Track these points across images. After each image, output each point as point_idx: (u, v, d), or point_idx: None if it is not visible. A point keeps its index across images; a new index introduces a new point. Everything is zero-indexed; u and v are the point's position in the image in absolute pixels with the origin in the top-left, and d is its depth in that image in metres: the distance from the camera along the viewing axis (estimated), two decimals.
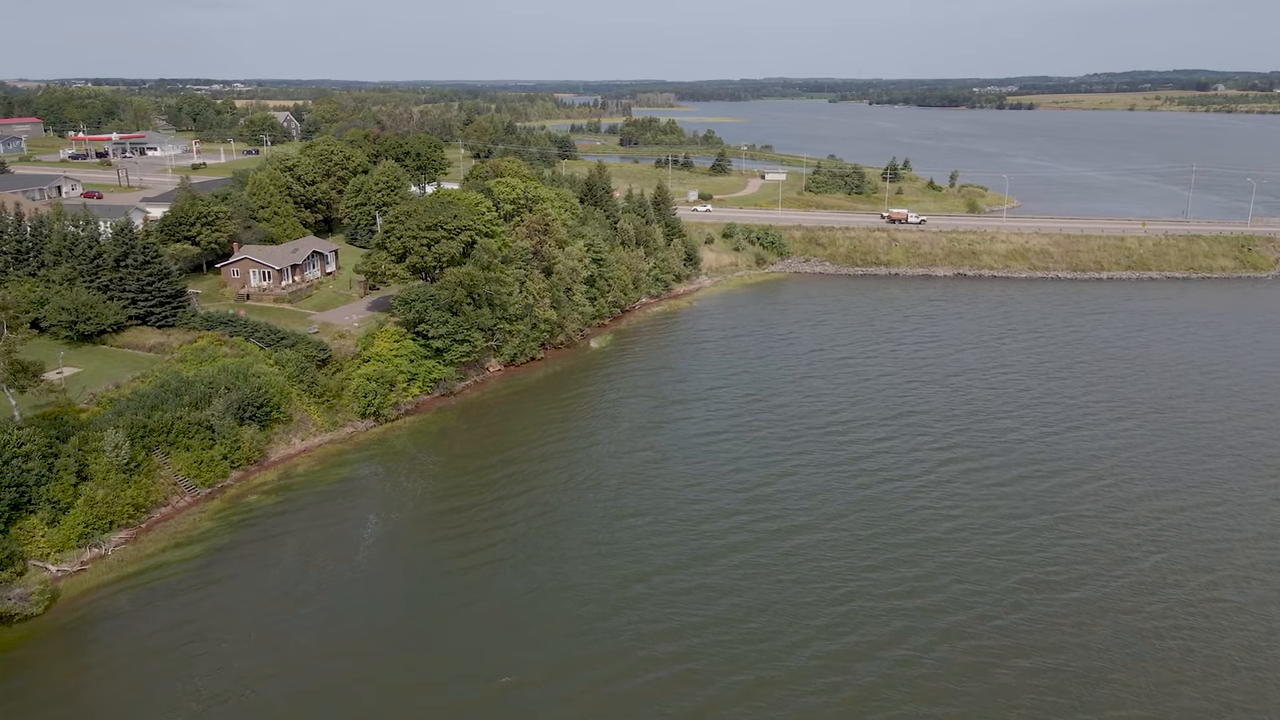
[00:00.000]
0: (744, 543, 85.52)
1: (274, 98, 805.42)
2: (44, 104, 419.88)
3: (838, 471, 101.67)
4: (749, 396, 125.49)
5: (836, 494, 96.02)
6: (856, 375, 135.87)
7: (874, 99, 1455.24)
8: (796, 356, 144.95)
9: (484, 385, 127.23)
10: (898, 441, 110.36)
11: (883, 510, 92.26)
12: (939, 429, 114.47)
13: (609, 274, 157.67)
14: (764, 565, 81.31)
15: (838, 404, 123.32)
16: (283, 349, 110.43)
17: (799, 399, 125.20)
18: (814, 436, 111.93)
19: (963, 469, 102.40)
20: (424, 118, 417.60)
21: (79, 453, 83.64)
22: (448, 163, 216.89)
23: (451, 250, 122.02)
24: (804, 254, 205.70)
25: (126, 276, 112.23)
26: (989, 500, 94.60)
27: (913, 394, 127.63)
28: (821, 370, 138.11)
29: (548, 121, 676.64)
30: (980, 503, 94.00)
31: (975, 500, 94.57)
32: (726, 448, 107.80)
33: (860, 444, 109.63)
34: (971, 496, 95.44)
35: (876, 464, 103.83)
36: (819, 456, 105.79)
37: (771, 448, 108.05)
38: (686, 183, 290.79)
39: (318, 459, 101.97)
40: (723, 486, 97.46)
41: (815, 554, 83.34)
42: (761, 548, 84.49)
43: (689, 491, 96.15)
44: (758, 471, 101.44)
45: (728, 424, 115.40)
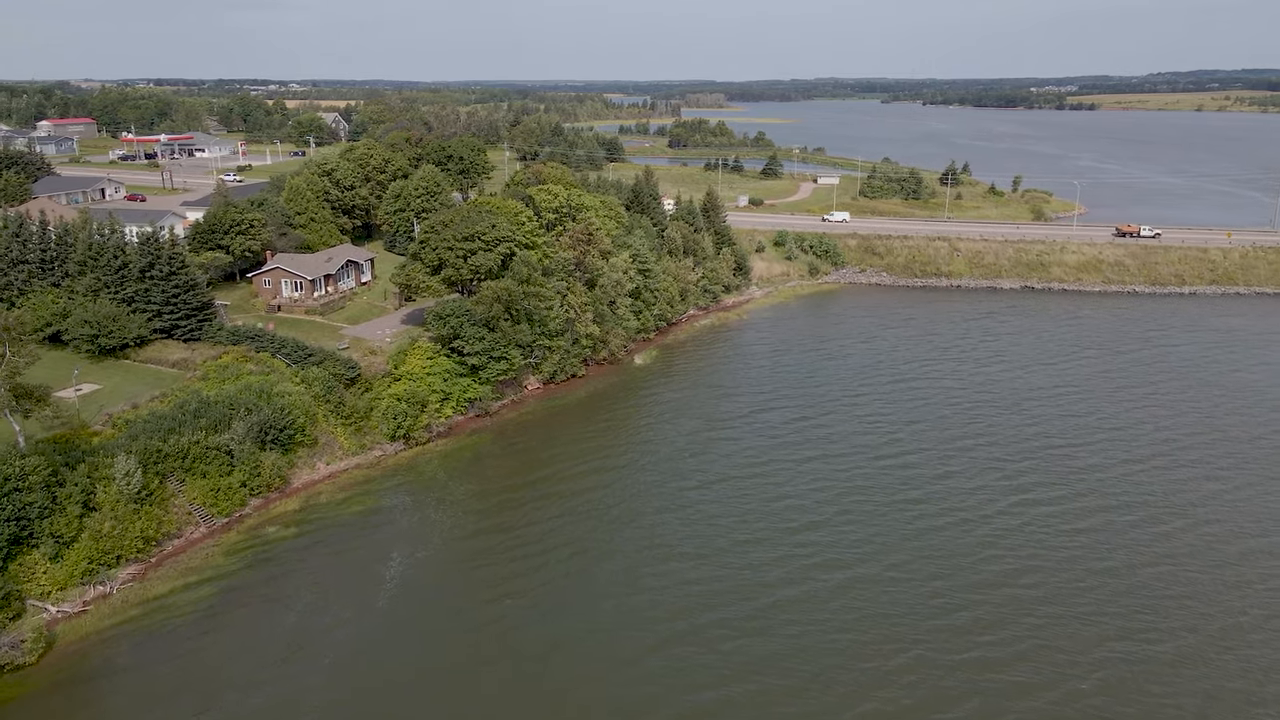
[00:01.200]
0: (791, 588, 78.00)
1: (327, 98, 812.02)
2: (99, 104, 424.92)
3: (895, 508, 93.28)
4: (798, 418, 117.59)
5: (894, 534, 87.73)
6: (914, 396, 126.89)
7: (928, 99, 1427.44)
8: (849, 374, 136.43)
9: (521, 404, 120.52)
10: (961, 474, 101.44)
11: (947, 556, 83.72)
12: (1008, 460, 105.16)
13: (655, 286, 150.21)
14: (815, 619, 73.53)
15: (894, 428, 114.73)
16: (310, 367, 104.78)
17: (852, 422, 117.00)
18: (868, 465, 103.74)
19: (1037, 509, 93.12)
20: (471, 119, 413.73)
21: (87, 481, 78.43)
22: (491, 166, 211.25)
23: (489, 263, 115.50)
24: (859, 264, 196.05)
25: (152, 288, 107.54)
26: (1070, 547, 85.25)
27: (977, 418, 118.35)
28: (876, 390, 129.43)
29: (596, 122, 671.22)
30: (1060, 551, 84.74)
31: (1054, 547, 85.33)
32: (773, 476, 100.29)
33: (920, 475, 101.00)
34: (1049, 542, 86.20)
35: (938, 500, 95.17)
36: (874, 489, 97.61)
37: (822, 477, 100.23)
38: (736, 187, 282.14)
39: (342, 486, 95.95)
40: (769, 521, 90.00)
41: (872, 607, 75.21)
42: (812, 597, 76.84)
43: (732, 527, 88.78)
44: (807, 505, 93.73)
45: (775, 449, 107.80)
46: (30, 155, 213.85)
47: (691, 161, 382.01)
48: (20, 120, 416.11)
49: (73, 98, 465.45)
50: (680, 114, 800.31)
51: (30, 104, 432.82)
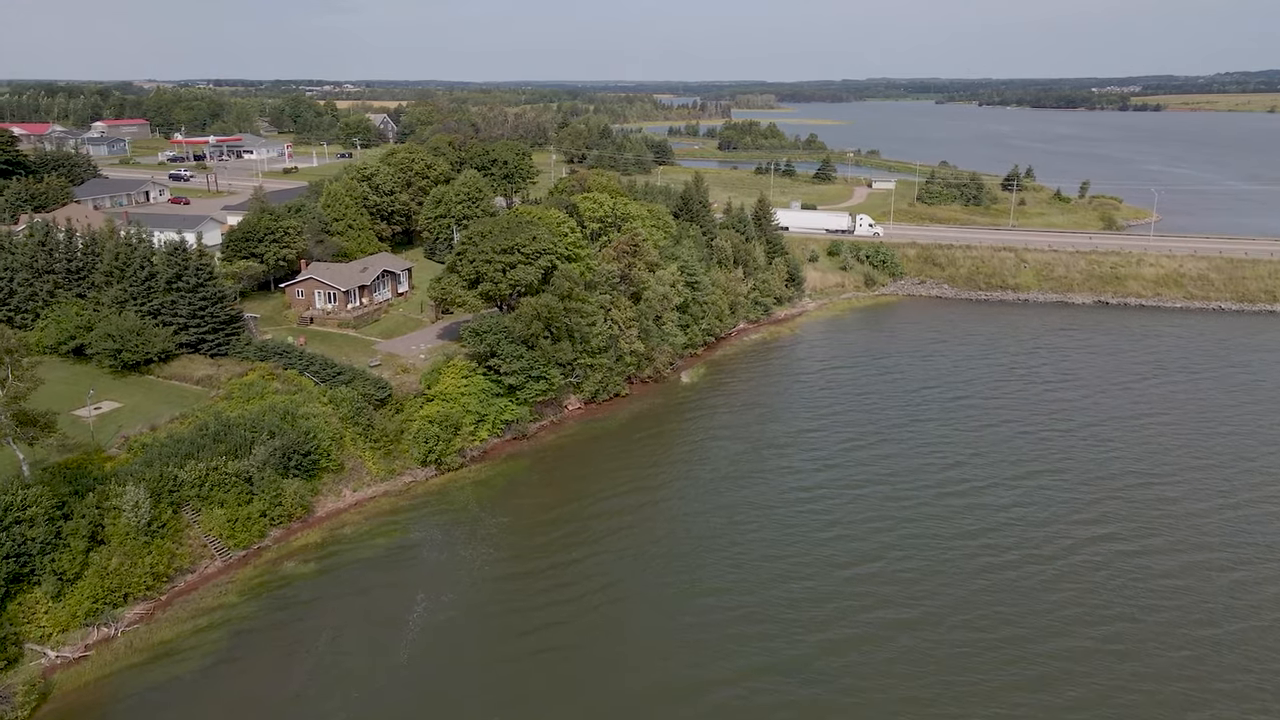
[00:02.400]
0: (844, 638, 70.65)
1: (380, 98, 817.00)
2: (153, 105, 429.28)
3: (957, 545, 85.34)
4: (852, 442, 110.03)
5: (957, 577, 79.83)
6: (978, 419, 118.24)
7: (983, 100, 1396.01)
8: (907, 394, 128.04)
9: (561, 426, 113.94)
10: (1031, 508, 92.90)
11: (1016, 603, 75.74)
12: (1081, 494, 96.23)
13: (704, 299, 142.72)
14: (869, 674, 65.85)
15: (956, 455, 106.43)
16: (338, 385, 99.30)
17: (909, 446, 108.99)
18: (927, 496, 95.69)
19: (1117, 550, 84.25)
20: (519, 120, 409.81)
21: (95, 512, 73.53)
22: (536, 171, 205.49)
23: (529, 277, 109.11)
24: (919, 274, 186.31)
25: (179, 300, 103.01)
26: (1156, 598, 76.38)
27: (1047, 446, 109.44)
28: (936, 411, 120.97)
29: (645, 123, 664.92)
30: (1145, 601, 76.01)
31: (1137, 596, 76.59)
32: (824, 507, 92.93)
33: (984, 509, 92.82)
34: (1131, 591, 77.40)
35: (1007, 537, 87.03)
36: (934, 523, 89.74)
37: (876, 510, 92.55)
38: (788, 191, 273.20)
39: (369, 515, 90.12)
40: (819, 558, 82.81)
41: (933, 663, 67.57)
42: (867, 648, 69.44)
43: (778, 563, 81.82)
44: (861, 541, 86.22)
45: (826, 475, 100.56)
46: (77, 157, 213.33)
47: (742, 165, 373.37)
48: (77, 121, 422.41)
49: (129, 98, 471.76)
50: (730, 115, 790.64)
51: (87, 104, 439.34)
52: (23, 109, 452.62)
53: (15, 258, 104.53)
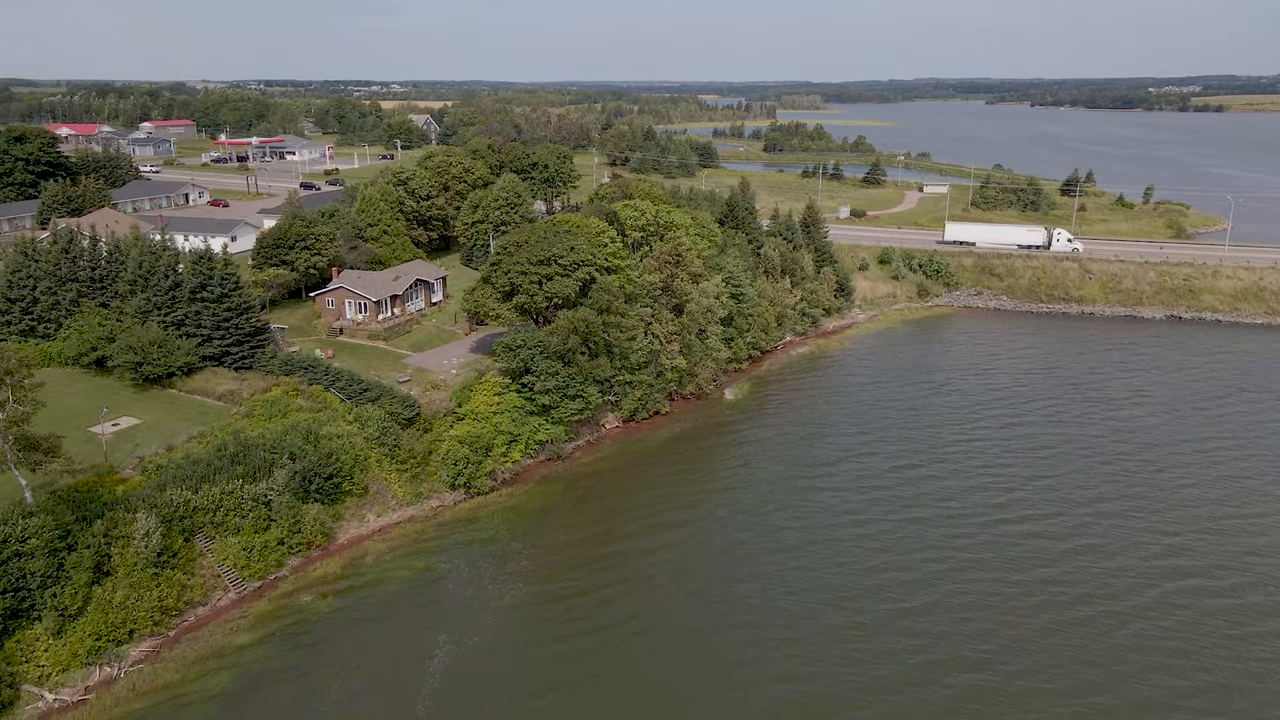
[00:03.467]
0: (893, 680, 64.76)
1: (425, 99, 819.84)
2: (200, 106, 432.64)
3: (1018, 581, 78.65)
4: (903, 465, 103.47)
5: (1018, 616, 73.32)
6: (1039, 442, 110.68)
7: (1036, 100, 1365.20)
8: (963, 413, 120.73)
9: (597, 446, 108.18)
10: (1102, 546, 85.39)
11: (1085, 648, 69.10)
12: (1160, 531, 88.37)
13: (749, 310, 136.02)
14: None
15: (1014, 482, 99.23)
16: (364, 403, 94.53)
17: (965, 471, 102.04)
18: (987, 529, 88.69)
19: (1207, 604, 76.18)
20: (562, 121, 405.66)
21: (102, 541, 69.33)
22: (577, 175, 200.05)
23: (566, 290, 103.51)
24: (975, 285, 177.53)
25: (202, 311, 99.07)
26: (1254, 661, 68.10)
27: (1117, 474, 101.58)
28: (994, 433, 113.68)
29: (689, 124, 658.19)
30: (1240, 665, 67.96)
31: (1232, 660, 68.58)
32: (874, 538, 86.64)
33: (1047, 540, 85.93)
34: (1225, 654, 69.49)
35: (1076, 580, 79.62)
36: (992, 555, 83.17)
37: (931, 542, 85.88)
38: (837, 196, 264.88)
39: (393, 543, 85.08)
40: (866, 589, 77.12)
41: (991, 714, 60.40)
42: (916, 690, 63.32)
43: (823, 603, 75.59)
44: (912, 572, 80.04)
45: (876, 503, 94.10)
46: (118, 159, 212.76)
47: (788, 167, 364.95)
48: (126, 121, 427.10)
49: (177, 99, 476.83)
50: (775, 115, 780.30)
51: (136, 105, 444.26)
52: (74, 109, 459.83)
53: (38, 265, 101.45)
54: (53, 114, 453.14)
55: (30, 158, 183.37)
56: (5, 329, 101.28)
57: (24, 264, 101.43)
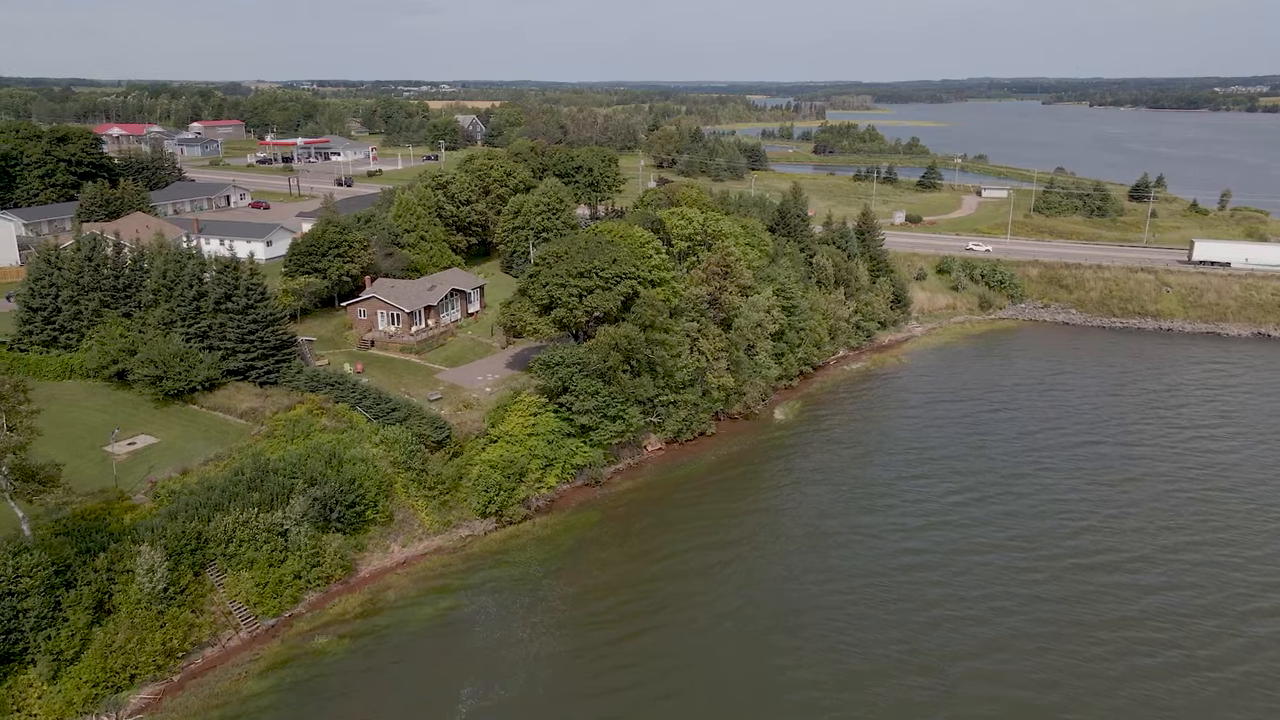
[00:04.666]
0: None
1: (474, 99, 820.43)
2: (250, 106, 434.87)
3: (1100, 636, 71.16)
4: (963, 492, 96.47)
5: (1105, 682, 65.62)
6: (1113, 470, 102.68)
7: (1095, 100, 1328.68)
8: (1027, 435, 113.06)
9: (638, 470, 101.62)
10: (1190, 592, 77.98)
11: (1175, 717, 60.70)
12: (1254, 575, 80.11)
13: (801, 324, 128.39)
14: None
15: (1088, 515, 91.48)
16: (392, 423, 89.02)
17: (1031, 501, 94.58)
18: (1054, 565, 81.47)
19: None
20: (608, 122, 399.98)
21: (103, 578, 64.50)
22: (622, 179, 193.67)
23: (607, 304, 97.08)
24: (1042, 297, 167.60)
25: (227, 322, 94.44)
26: None
27: (1204, 508, 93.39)
28: (1062, 458, 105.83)
29: (738, 125, 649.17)
30: None
31: None
32: (930, 574, 79.94)
33: (1130, 589, 78.20)
34: None
35: (1161, 629, 72.33)
36: (1068, 605, 75.53)
37: (994, 582, 78.81)
38: (891, 200, 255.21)
39: (417, 577, 79.31)
40: (926, 645, 69.87)
41: None
42: None
43: (876, 650, 69.00)
44: (979, 626, 72.81)
45: (934, 537, 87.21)
46: (161, 160, 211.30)
47: (839, 170, 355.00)
48: (178, 121, 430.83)
49: (228, 100, 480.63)
50: (825, 116, 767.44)
51: (188, 105, 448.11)
52: (128, 109, 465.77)
53: (61, 274, 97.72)
54: (106, 114, 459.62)
55: (72, 159, 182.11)
56: (27, 339, 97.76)
57: (46, 272, 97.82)
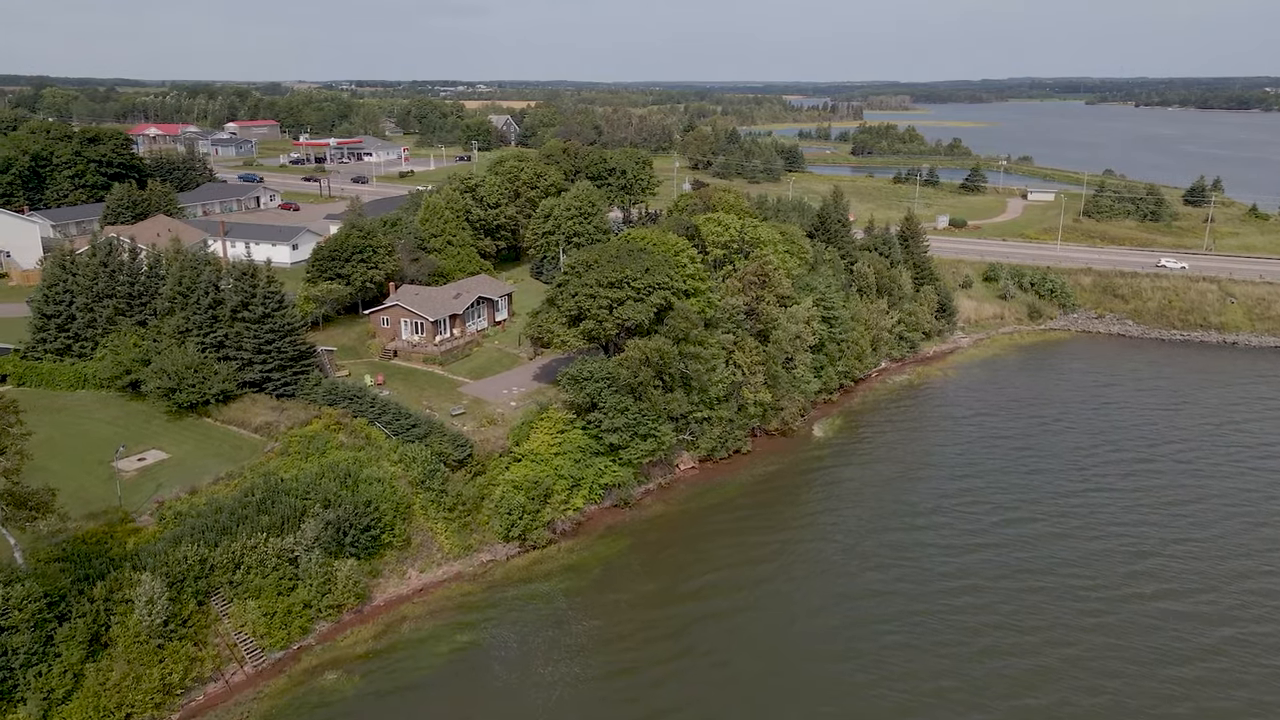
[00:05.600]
0: None
1: (510, 99, 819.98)
2: (285, 106, 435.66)
3: (1169, 674, 66.26)
4: (1011, 513, 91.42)
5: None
6: (1172, 492, 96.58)
7: (1141, 100, 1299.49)
8: (1080, 454, 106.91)
9: (670, 491, 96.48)
10: (1264, 628, 71.80)
11: None
12: None
13: (841, 335, 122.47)
14: None
15: (1146, 540, 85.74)
16: (411, 440, 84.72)
17: (1085, 525, 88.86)
18: (1113, 601, 75.55)
19: None
20: (643, 123, 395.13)
21: (100, 609, 60.68)
22: (657, 182, 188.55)
23: (639, 316, 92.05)
24: (1095, 307, 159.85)
25: (244, 332, 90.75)
26: None
27: (1271, 534, 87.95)
28: (1117, 478, 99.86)
29: (774, 125, 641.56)
30: None
31: None
32: (978, 608, 74.69)
33: (1195, 622, 72.75)
34: None
35: (1234, 670, 66.57)
36: (1130, 640, 70.20)
37: (1048, 612, 73.84)
38: (933, 203, 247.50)
39: (434, 607, 74.80)
40: (974, 682, 65.06)
41: None
42: None
43: (920, 697, 63.28)
44: (1031, 658, 68.09)
45: (980, 560, 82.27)
46: (192, 160, 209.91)
47: (878, 172, 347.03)
48: (215, 121, 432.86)
49: (264, 100, 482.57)
50: (862, 116, 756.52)
51: (224, 105, 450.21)
52: (165, 110, 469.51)
53: (75, 280, 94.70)
54: (145, 114, 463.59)
55: (103, 159, 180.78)
56: (40, 347, 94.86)
57: (61, 277, 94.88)
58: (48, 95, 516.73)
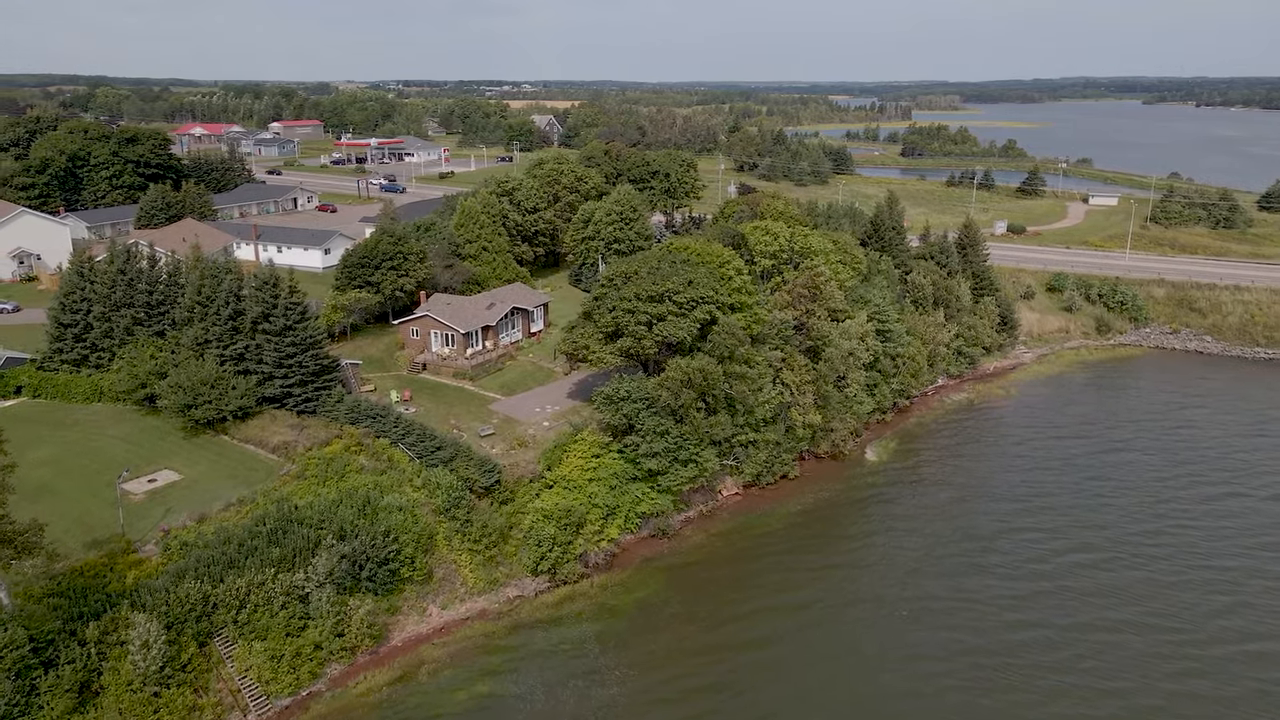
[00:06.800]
0: None
1: (554, 99, 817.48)
2: (329, 106, 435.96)
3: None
4: (1080, 550, 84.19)
5: None
6: (1261, 530, 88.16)
7: (1201, 100, 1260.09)
8: (1154, 483, 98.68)
9: (711, 520, 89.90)
10: None
11: None
12: None
13: (896, 351, 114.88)
14: None
15: (1235, 584, 78.06)
16: (436, 464, 79.25)
17: (1162, 563, 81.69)
18: (1206, 656, 68.25)
19: None
20: (688, 124, 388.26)
21: (93, 651, 55.85)
22: (701, 186, 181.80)
23: (681, 333, 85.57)
24: (1170, 321, 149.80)
25: (265, 344, 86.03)
26: None
27: None
28: (1198, 512, 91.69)
29: (820, 126, 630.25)
30: None
31: None
32: (1044, 662, 67.68)
33: None
34: None
35: None
36: (1220, 707, 62.58)
37: (1123, 671, 66.60)
38: (990, 208, 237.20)
39: (455, 649, 69.10)
40: None
41: None
42: None
43: None
44: None
45: (1046, 605, 75.27)
46: (230, 161, 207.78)
47: (930, 174, 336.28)
48: (260, 121, 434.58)
49: (309, 99, 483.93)
50: (911, 117, 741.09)
51: (270, 105, 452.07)
52: (212, 109, 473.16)
53: (93, 288, 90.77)
54: (192, 113, 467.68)
55: (140, 159, 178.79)
56: (57, 358, 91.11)
57: (79, 285, 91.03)
58: (100, 95, 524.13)
